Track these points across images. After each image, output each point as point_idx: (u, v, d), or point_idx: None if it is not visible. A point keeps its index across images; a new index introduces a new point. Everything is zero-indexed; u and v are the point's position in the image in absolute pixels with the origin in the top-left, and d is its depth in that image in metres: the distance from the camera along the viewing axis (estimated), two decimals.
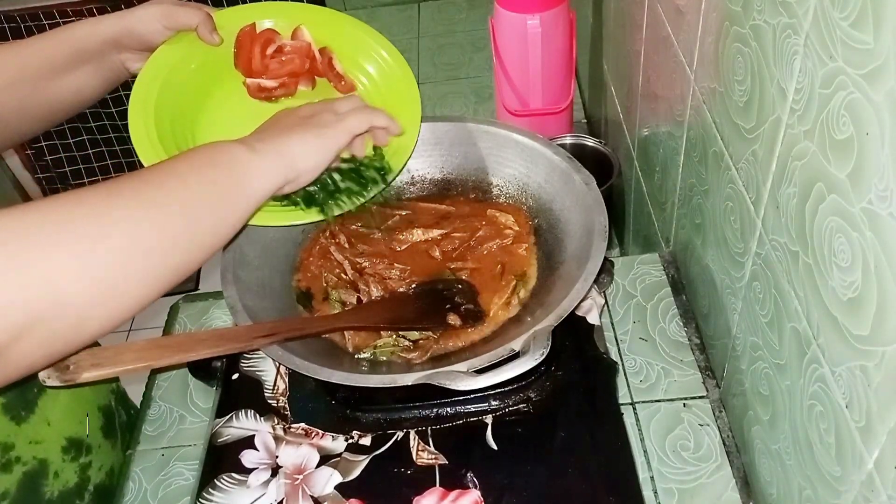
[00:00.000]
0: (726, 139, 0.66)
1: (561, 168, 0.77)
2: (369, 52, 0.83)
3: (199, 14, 0.78)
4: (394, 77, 0.82)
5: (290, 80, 0.82)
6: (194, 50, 0.78)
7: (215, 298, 0.91)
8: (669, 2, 0.80)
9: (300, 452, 0.68)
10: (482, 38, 1.62)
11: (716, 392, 0.73)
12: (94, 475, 0.75)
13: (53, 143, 2.11)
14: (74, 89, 0.76)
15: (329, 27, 0.84)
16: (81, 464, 0.73)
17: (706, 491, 0.66)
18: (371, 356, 0.71)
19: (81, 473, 0.73)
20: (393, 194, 0.85)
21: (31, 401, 0.69)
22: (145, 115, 0.74)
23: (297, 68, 0.82)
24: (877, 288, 0.41)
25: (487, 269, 0.77)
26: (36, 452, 0.68)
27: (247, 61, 0.81)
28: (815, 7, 0.45)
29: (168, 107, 0.76)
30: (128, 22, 0.76)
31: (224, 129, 0.78)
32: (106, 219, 0.50)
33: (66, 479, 0.71)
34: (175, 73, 0.77)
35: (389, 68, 0.83)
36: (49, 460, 0.69)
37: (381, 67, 0.83)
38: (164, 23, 0.77)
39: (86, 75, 0.76)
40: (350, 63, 0.83)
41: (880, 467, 0.44)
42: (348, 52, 0.83)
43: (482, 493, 0.63)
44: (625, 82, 1.10)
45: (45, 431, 0.69)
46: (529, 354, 0.59)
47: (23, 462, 0.66)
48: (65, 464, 0.71)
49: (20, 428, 0.67)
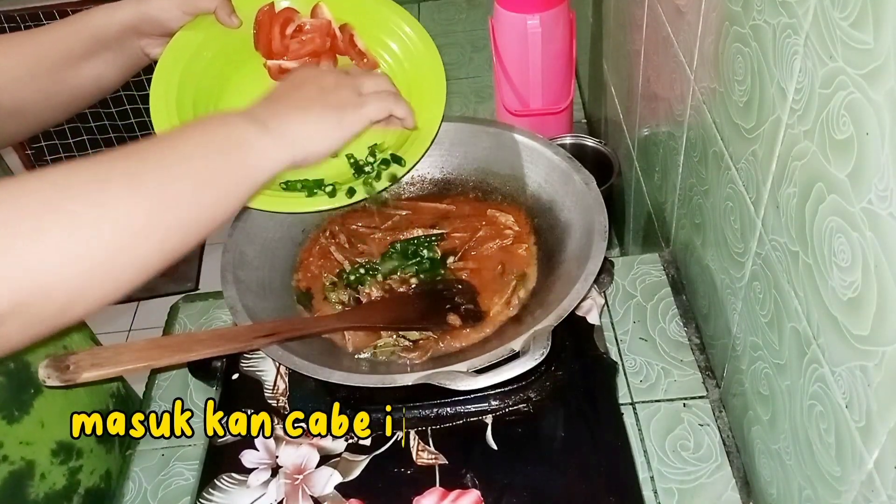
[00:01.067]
0: (726, 139, 0.66)
1: (561, 168, 0.77)
2: (392, 28, 0.81)
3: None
4: (418, 54, 0.80)
5: (311, 60, 0.80)
6: (214, 33, 0.77)
7: (215, 298, 0.91)
8: (669, 2, 0.80)
9: (300, 452, 0.68)
10: (482, 38, 1.62)
11: (716, 392, 0.73)
12: (84, 479, 0.74)
13: (53, 143, 2.11)
14: (95, 77, 0.75)
15: (349, 3, 0.81)
16: (71, 467, 0.72)
17: (706, 491, 0.66)
18: (371, 356, 0.71)
19: (70, 477, 0.72)
20: (392, 195, 0.85)
21: (26, 401, 0.68)
22: (167, 101, 0.73)
23: (318, 47, 0.80)
24: (877, 288, 0.41)
25: (487, 269, 0.77)
26: (25, 453, 0.67)
27: (267, 42, 0.80)
28: (815, 7, 0.45)
29: (190, 92, 0.75)
30: (146, 7, 0.74)
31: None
32: (97, 203, 0.48)
33: (52, 481, 0.70)
34: (195, 57, 0.76)
35: (413, 45, 0.80)
36: (36, 462, 0.69)
37: (404, 44, 0.81)
38: (182, 8, 0.76)
39: (105, 63, 0.75)
40: (372, 40, 0.81)
41: (880, 467, 0.44)
42: (370, 29, 0.81)
43: (482, 493, 0.63)
44: (625, 82, 1.10)
45: (37, 433, 0.69)
46: (529, 354, 0.59)
47: (10, 461, 0.66)
48: (52, 466, 0.70)
49: (11, 427, 0.66)
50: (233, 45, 0.79)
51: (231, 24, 0.78)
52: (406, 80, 0.78)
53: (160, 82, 0.74)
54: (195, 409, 0.80)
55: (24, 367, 0.69)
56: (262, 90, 0.73)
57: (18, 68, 0.70)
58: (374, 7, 0.82)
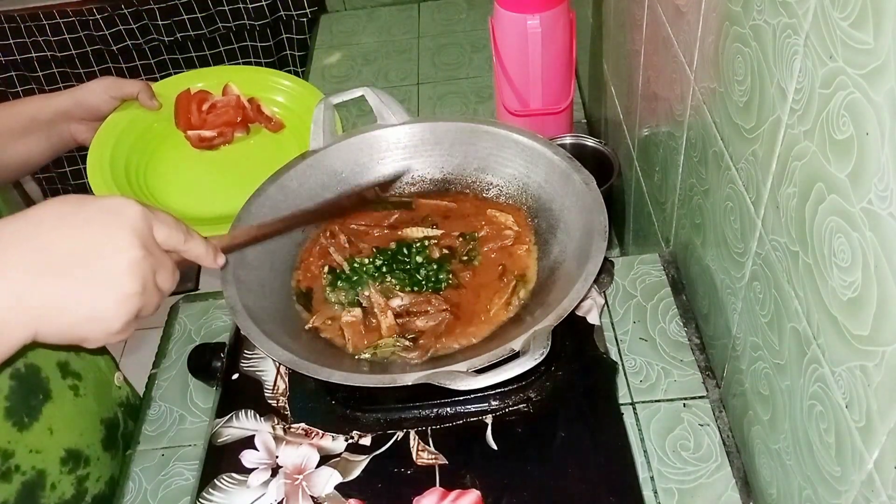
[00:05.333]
0: (726, 139, 0.66)
1: (561, 168, 0.77)
2: (273, 86, 1.03)
3: (140, 83, 0.93)
4: (303, 96, 1.02)
5: (226, 129, 0.97)
6: (140, 116, 0.94)
7: (215, 298, 0.91)
8: (669, 2, 0.80)
9: (300, 452, 0.68)
10: (482, 38, 1.62)
11: (716, 392, 0.73)
12: (91, 486, 0.74)
13: None
14: (24, 154, 0.85)
15: (253, 80, 1.03)
16: (79, 476, 0.73)
17: (706, 491, 0.66)
18: (371, 356, 0.71)
19: (78, 485, 0.72)
20: (392, 194, 0.85)
21: (35, 407, 0.68)
22: (102, 169, 0.87)
23: (230, 118, 0.98)
24: (877, 288, 0.41)
25: (488, 269, 0.77)
26: (35, 462, 0.67)
27: (186, 119, 0.97)
28: (815, 7, 0.45)
29: (121, 162, 0.90)
30: (79, 94, 0.88)
31: (173, 177, 0.94)
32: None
33: (62, 490, 0.70)
34: (125, 134, 0.92)
35: (296, 91, 1.02)
36: (47, 471, 0.69)
37: (287, 94, 1.03)
38: (110, 93, 0.90)
39: (37, 143, 0.86)
40: (270, 102, 1.01)
41: (880, 467, 0.44)
42: (265, 94, 1.01)
43: (482, 493, 0.63)
44: (625, 82, 1.10)
45: (46, 441, 0.69)
46: (529, 354, 0.59)
47: (22, 471, 0.66)
48: (62, 475, 0.70)
49: (21, 435, 0.66)
50: (156, 123, 0.96)
51: (152, 107, 0.94)
52: (300, 115, 0.98)
53: (95, 155, 0.88)
54: (195, 409, 0.80)
55: (34, 371, 0.69)
56: (187, 156, 0.95)
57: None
58: (266, 77, 1.05)
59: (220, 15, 1.89)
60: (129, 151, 0.92)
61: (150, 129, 0.95)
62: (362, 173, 0.85)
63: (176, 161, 0.95)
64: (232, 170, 0.96)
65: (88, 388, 0.77)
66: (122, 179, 0.88)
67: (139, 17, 1.85)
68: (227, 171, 0.96)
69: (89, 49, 1.91)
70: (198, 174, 0.95)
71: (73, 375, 0.75)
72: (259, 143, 1.00)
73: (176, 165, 0.95)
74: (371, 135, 0.85)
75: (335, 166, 0.84)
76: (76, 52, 1.91)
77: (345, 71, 1.66)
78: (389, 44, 1.72)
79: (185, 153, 0.96)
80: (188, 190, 0.93)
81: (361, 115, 1.28)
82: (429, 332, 0.71)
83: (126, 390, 0.87)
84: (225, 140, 0.97)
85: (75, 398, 0.74)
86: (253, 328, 0.65)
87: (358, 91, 0.86)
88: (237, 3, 1.87)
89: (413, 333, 0.71)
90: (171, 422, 0.79)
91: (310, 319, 0.73)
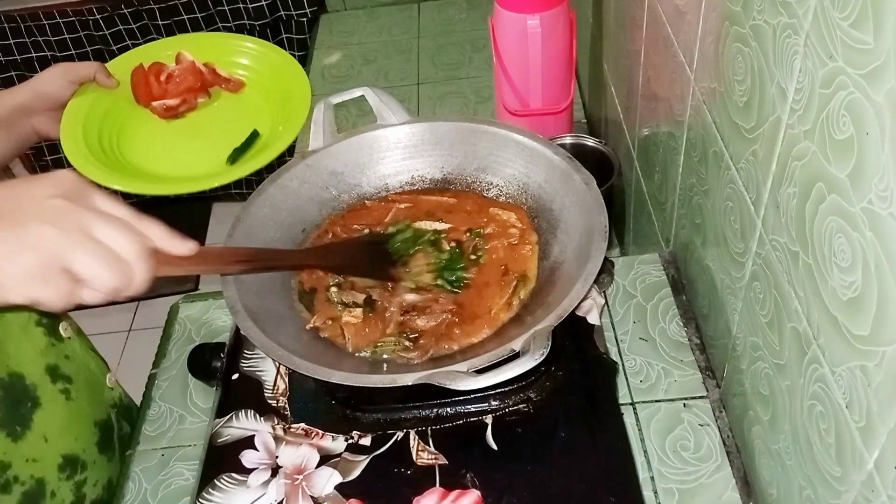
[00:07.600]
0: (726, 139, 0.66)
1: (561, 168, 0.77)
2: (238, 49, 1.04)
3: (95, 64, 0.93)
4: (268, 57, 1.02)
5: (188, 95, 0.98)
6: (99, 98, 0.95)
7: (215, 298, 0.91)
8: (669, 2, 0.80)
9: (300, 452, 0.68)
10: (482, 38, 1.62)
11: (716, 392, 0.73)
12: (89, 491, 0.74)
13: (53, 142, 2.11)
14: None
15: (203, 44, 1.04)
16: (77, 481, 0.72)
17: (706, 491, 0.66)
18: (371, 356, 0.71)
19: (77, 491, 0.72)
20: (392, 192, 0.86)
21: (25, 416, 0.68)
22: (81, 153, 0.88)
23: (190, 84, 0.99)
24: (877, 288, 0.41)
25: (491, 268, 0.77)
26: (34, 471, 0.67)
27: (147, 92, 0.98)
28: (815, 7, 0.45)
29: (95, 143, 0.91)
30: (36, 85, 0.87)
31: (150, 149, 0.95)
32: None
33: (62, 498, 0.70)
34: (90, 117, 0.93)
35: (260, 53, 1.03)
36: (46, 480, 0.68)
37: (253, 55, 1.03)
38: (67, 77, 0.89)
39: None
40: (229, 65, 1.02)
41: (880, 467, 0.44)
42: (223, 57, 1.02)
43: (482, 493, 0.63)
44: (625, 82, 1.10)
45: (42, 448, 0.68)
46: (529, 354, 0.59)
47: (21, 482, 0.65)
48: (61, 482, 0.70)
49: (16, 445, 0.66)
50: (118, 102, 0.97)
51: (109, 85, 0.94)
52: (273, 81, 0.99)
53: (69, 142, 0.89)
54: (195, 409, 0.80)
55: (17, 379, 0.68)
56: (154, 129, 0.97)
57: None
58: (220, 40, 1.08)
59: (220, 15, 1.89)
60: (100, 132, 0.93)
61: (114, 107, 0.96)
62: (362, 173, 0.85)
63: (147, 134, 0.96)
64: (203, 132, 0.98)
65: (80, 391, 0.76)
66: (103, 158, 0.89)
67: (139, 17, 1.85)
68: (199, 134, 0.98)
69: (89, 49, 1.91)
70: (172, 142, 0.96)
71: (63, 379, 0.74)
72: (223, 104, 1.01)
73: (148, 138, 0.96)
74: (371, 135, 0.85)
75: (335, 166, 0.84)
76: (76, 52, 1.91)
77: (345, 71, 1.66)
78: (389, 44, 1.72)
79: (154, 126, 0.97)
80: (166, 157, 0.94)
81: (361, 115, 1.28)
82: (429, 332, 0.71)
83: (119, 391, 0.86)
84: (189, 107, 0.99)
85: (67, 402, 0.74)
86: (253, 328, 0.65)
87: (358, 91, 0.86)
88: (237, 3, 1.87)
89: (414, 333, 0.71)
90: (170, 422, 0.79)
91: (310, 319, 0.73)
